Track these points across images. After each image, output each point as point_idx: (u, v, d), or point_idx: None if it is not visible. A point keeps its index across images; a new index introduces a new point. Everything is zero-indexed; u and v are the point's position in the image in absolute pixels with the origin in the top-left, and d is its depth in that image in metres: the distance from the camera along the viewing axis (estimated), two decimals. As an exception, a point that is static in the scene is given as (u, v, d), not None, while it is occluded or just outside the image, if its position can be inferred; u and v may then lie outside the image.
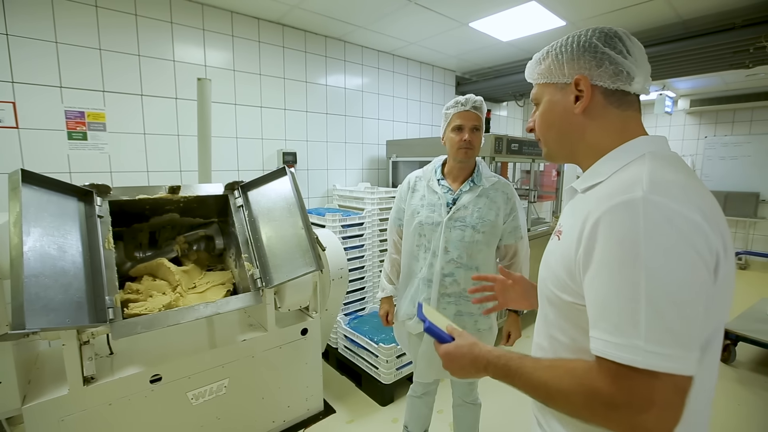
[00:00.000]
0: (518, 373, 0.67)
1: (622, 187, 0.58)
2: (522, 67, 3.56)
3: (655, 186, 0.55)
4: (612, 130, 0.70)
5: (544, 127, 0.77)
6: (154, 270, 1.78)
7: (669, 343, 0.51)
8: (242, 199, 1.92)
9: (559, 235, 0.72)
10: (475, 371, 0.75)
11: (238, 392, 1.87)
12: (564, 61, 0.71)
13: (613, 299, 0.55)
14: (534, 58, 0.79)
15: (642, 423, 0.51)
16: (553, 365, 0.64)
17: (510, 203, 1.48)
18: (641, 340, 0.51)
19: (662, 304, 0.52)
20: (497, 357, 0.71)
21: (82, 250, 1.43)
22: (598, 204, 0.60)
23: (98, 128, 2.28)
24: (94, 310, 1.37)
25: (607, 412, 0.54)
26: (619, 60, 0.67)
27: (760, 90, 5.06)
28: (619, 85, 0.68)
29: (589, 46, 0.69)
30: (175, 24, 2.48)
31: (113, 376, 1.55)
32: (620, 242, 0.55)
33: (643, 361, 0.51)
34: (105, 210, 1.58)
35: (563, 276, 0.66)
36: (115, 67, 2.30)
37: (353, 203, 3.06)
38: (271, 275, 1.76)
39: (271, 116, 2.99)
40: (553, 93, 0.74)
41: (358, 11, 2.73)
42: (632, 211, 0.54)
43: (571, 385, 0.58)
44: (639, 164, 0.62)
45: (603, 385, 0.55)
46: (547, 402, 0.63)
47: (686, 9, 2.65)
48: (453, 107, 1.44)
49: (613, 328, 0.54)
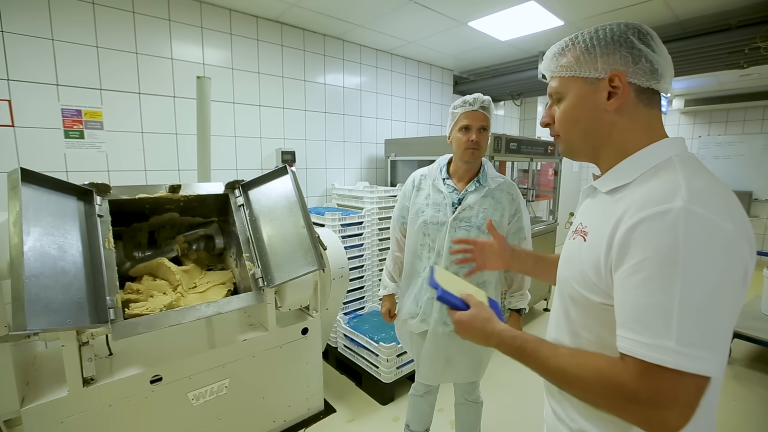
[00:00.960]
0: (534, 356, 0.68)
1: (660, 195, 0.58)
2: (519, 66, 3.58)
3: (694, 196, 0.56)
4: (639, 130, 0.69)
5: (569, 123, 0.74)
6: (155, 270, 1.76)
7: (700, 345, 0.53)
8: (243, 198, 1.91)
9: (584, 236, 0.71)
10: (484, 343, 0.77)
11: (239, 392, 1.86)
12: (597, 55, 0.68)
13: (647, 302, 0.56)
14: (554, 49, 0.75)
15: (661, 418, 0.54)
16: (573, 354, 0.66)
17: (515, 204, 1.48)
18: (672, 341, 0.53)
19: (695, 310, 0.54)
20: (512, 338, 0.72)
21: (83, 249, 1.42)
22: (634, 209, 0.60)
23: (95, 127, 2.26)
24: (95, 311, 1.35)
25: (627, 405, 0.57)
26: (654, 57, 0.66)
27: (753, 90, 5.12)
28: (651, 84, 0.67)
29: (626, 41, 0.67)
30: (173, 22, 2.45)
31: (113, 377, 1.53)
32: (659, 249, 0.56)
33: (673, 361, 0.53)
34: (105, 209, 1.56)
35: (592, 277, 0.66)
36: (113, 64, 2.27)
37: (352, 202, 3.06)
38: (273, 274, 1.75)
39: (270, 115, 2.98)
40: (581, 87, 0.70)
41: (358, 10, 2.73)
42: (672, 221, 0.55)
43: (593, 376, 0.60)
44: (669, 169, 0.62)
45: (628, 381, 0.57)
46: (563, 386, 0.66)
47: (683, 9, 2.67)
48: (461, 107, 1.43)
49: (643, 329, 0.56)
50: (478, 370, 1.56)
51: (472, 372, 1.55)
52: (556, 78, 0.74)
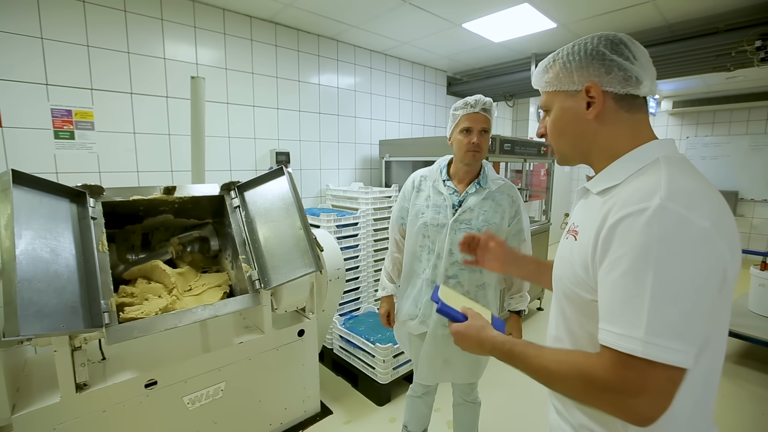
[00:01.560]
0: (521, 358, 0.73)
1: (640, 195, 0.61)
2: (512, 67, 3.61)
3: (672, 194, 0.59)
4: (624, 134, 0.72)
5: (557, 134, 0.79)
6: (149, 272, 1.74)
7: (669, 336, 0.56)
8: (239, 199, 1.90)
9: (575, 235, 0.74)
10: (480, 351, 0.82)
11: (235, 396, 1.84)
12: (573, 69, 0.73)
13: (620, 295, 0.60)
14: (540, 67, 0.80)
15: (632, 406, 0.58)
16: (554, 352, 0.71)
17: (515, 206, 1.48)
18: (641, 332, 0.56)
19: (666, 302, 0.56)
20: (502, 342, 0.77)
21: (76, 252, 1.39)
22: (616, 208, 0.63)
23: (86, 127, 2.22)
24: (89, 315, 1.33)
25: (601, 395, 0.61)
26: (627, 66, 0.69)
27: (738, 92, 5.24)
28: (628, 90, 0.70)
29: (597, 53, 0.71)
30: (166, 21, 2.42)
31: (107, 382, 1.51)
32: (634, 245, 0.58)
33: (641, 350, 0.56)
34: (98, 211, 1.54)
35: (582, 275, 0.69)
36: (104, 64, 2.23)
37: (347, 203, 3.05)
38: (270, 276, 1.74)
39: (264, 115, 2.96)
40: (563, 100, 0.76)
41: (353, 10, 2.72)
42: (648, 218, 0.58)
43: (570, 370, 0.64)
44: (655, 170, 0.65)
45: (599, 370, 0.61)
46: (547, 383, 0.70)
47: (673, 13, 2.72)
48: (462, 108, 1.43)
49: (617, 320, 0.59)
50: (476, 371, 1.56)
51: (471, 373, 1.56)
52: (544, 92, 0.80)
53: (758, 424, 2.24)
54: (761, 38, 2.58)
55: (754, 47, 2.65)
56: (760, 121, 5.56)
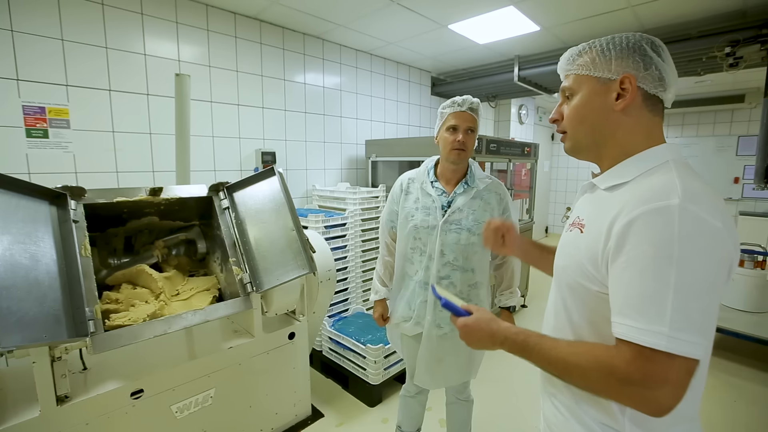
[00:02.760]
0: (536, 350, 0.72)
1: (657, 193, 0.63)
2: (496, 69, 3.67)
3: (688, 195, 0.61)
4: (641, 133, 0.74)
5: (577, 120, 0.77)
6: (134, 277, 1.67)
7: (691, 331, 0.58)
8: (228, 200, 1.85)
9: (581, 227, 0.75)
10: (491, 344, 0.80)
11: (225, 402, 1.80)
12: (612, 57, 0.72)
13: (643, 291, 0.60)
14: (573, 50, 0.79)
15: (654, 398, 0.59)
16: (572, 344, 0.71)
17: (503, 203, 1.51)
18: (666, 327, 0.58)
19: (688, 298, 0.58)
20: (515, 333, 0.76)
21: (57, 258, 1.32)
22: (632, 205, 0.64)
23: (61, 125, 2.11)
24: (73, 324, 1.26)
25: (622, 388, 0.61)
26: (663, 66, 0.71)
27: (706, 96, 5.50)
28: (657, 91, 0.72)
29: (639, 48, 0.71)
30: (146, 16, 2.33)
31: (89, 393, 1.44)
32: (656, 242, 0.60)
33: (666, 345, 0.58)
34: (80, 214, 1.46)
35: (589, 267, 0.70)
36: (80, 59, 2.13)
37: (334, 203, 3.03)
38: (261, 279, 1.70)
39: (249, 115, 2.89)
40: (593, 87, 0.75)
41: (340, 9, 2.70)
42: (669, 216, 0.60)
43: (590, 363, 0.65)
44: (665, 170, 0.67)
45: (621, 364, 0.61)
46: (562, 375, 0.70)
47: (649, 20, 2.83)
48: (449, 107, 1.44)
49: (639, 315, 0.60)
50: (471, 369, 1.58)
51: (467, 372, 1.57)
52: (571, 76, 0.78)
53: (729, 411, 2.36)
54: (730, 45, 2.72)
55: (723, 53, 2.78)
56: (725, 124, 5.86)
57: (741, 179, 5.76)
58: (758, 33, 2.63)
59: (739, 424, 2.24)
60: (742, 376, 2.71)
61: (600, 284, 0.69)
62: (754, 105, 5.43)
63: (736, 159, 5.79)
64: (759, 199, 5.60)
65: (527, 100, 5.85)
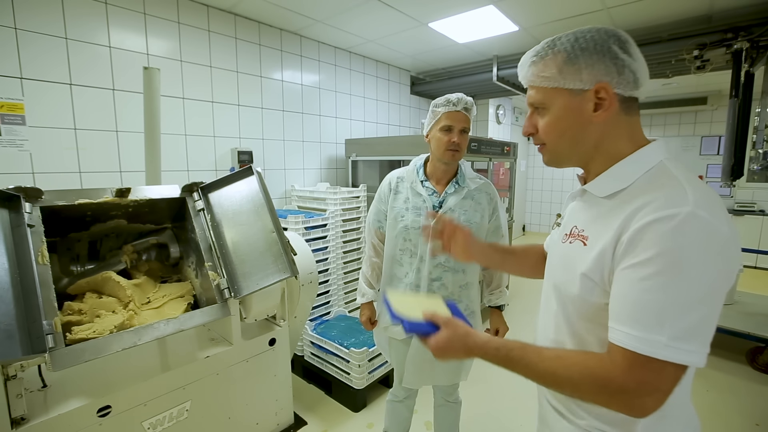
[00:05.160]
0: (522, 363, 0.70)
1: (669, 200, 0.60)
2: (474, 69, 3.69)
3: (700, 201, 0.59)
4: (624, 136, 0.70)
5: (555, 135, 0.73)
6: (100, 285, 1.54)
7: (688, 339, 0.57)
8: (203, 201, 1.75)
9: (583, 240, 0.71)
10: (467, 357, 0.80)
11: (202, 415, 1.70)
12: (582, 66, 0.67)
13: (644, 299, 0.59)
14: (529, 57, 0.73)
15: (642, 404, 0.59)
16: (560, 356, 0.68)
17: (492, 203, 1.49)
18: (665, 336, 0.57)
19: (689, 307, 0.57)
20: (496, 349, 0.72)
21: (9, 266, 1.19)
22: (644, 213, 0.61)
23: (15, 121, 1.94)
24: (29, 339, 1.14)
25: (615, 396, 0.61)
26: (635, 67, 0.67)
27: (671, 98, 5.75)
28: (633, 92, 0.68)
29: (608, 50, 0.66)
30: (111, 5, 2.19)
31: (49, 414, 1.31)
32: (664, 250, 0.58)
33: (663, 354, 0.57)
34: (36, 218, 1.33)
35: (595, 279, 0.67)
36: (36, 51, 1.97)
37: (314, 204, 2.95)
38: (240, 284, 1.61)
39: (224, 112, 2.78)
40: (566, 100, 0.70)
41: (318, 4, 2.63)
42: (679, 224, 0.58)
43: (582, 374, 0.63)
44: (665, 172, 0.66)
45: (616, 373, 0.60)
46: (552, 387, 0.69)
47: (623, 22, 2.90)
48: (444, 106, 1.40)
49: (636, 322, 0.59)
50: (462, 371, 1.55)
51: (457, 374, 1.54)
52: (538, 88, 0.73)
53: (703, 401, 2.45)
54: (698, 48, 2.83)
55: (692, 56, 2.89)
56: (689, 124, 6.14)
57: (704, 177, 6.05)
58: (723, 37, 2.75)
59: (713, 413, 2.32)
60: (711, 366, 2.82)
61: (607, 295, 0.66)
62: (716, 107, 5.71)
63: (699, 158, 6.08)
64: (721, 196, 5.88)
65: (505, 100, 5.94)
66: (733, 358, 2.91)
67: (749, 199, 5.65)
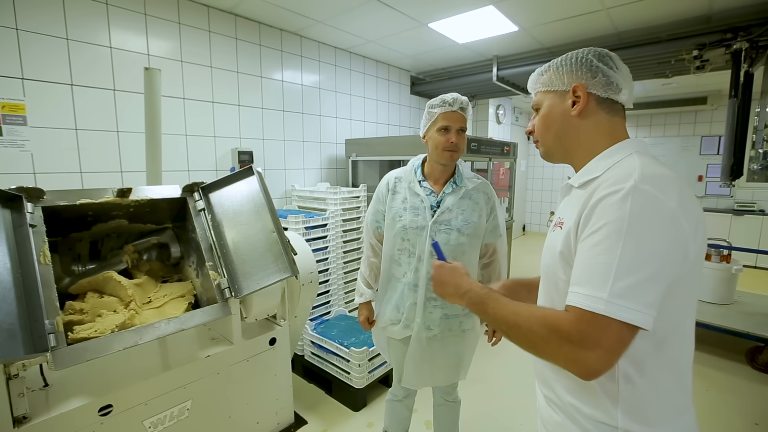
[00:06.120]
0: (492, 304, 0.79)
1: (618, 178, 0.69)
2: (474, 69, 3.71)
3: (644, 177, 0.67)
4: (602, 133, 0.81)
5: (544, 128, 0.87)
6: (101, 285, 1.55)
7: (629, 298, 0.62)
8: (203, 201, 1.75)
9: (560, 225, 0.80)
10: (456, 294, 0.88)
11: (203, 414, 1.70)
12: (564, 72, 0.83)
13: (591, 261, 0.67)
14: (536, 72, 0.90)
15: (584, 359, 0.63)
16: (528, 306, 0.76)
17: (490, 203, 1.49)
18: (606, 293, 0.63)
19: (630, 268, 0.63)
20: (480, 287, 0.85)
21: (11, 266, 1.20)
22: (598, 192, 0.70)
23: (16, 122, 1.95)
24: (31, 338, 1.15)
25: (561, 346, 0.66)
26: (610, 73, 0.79)
27: (671, 98, 5.75)
28: (609, 94, 0.80)
29: (586, 61, 0.81)
30: (112, 6, 2.20)
31: (51, 413, 1.32)
32: (609, 219, 0.66)
33: (604, 309, 0.62)
34: (38, 218, 1.34)
35: (567, 259, 0.75)
36: (37, 51, 1.98)
37: (314, 204, 2.96)
38: (241, 284, 1.62)
39: (225, 112, 2.78)
40: (553, 99, 0.85)
41: (319, 5, 2.64)
42: (623, 195, 0.65)
43: (538, 320, 0.70)
44: (629, 160, 0.73)
45: (565, 324, 0.66)
46: (511, 330, 0.74)
47: (622, 22, 2.91)
48: (439, 106, 1.41)
49: (585, 282, 0.66)
50: (461, 370, 1.56)
51: (455, 373, 1.55)
52: (537, 93, 0.89)
53: (702, 400, 2.45)
54: (698, 48, 2.83)
55: (691, 56, 2.90)
56: (689, 124, 6.14)
57: (704, 177, 6.05)
58: (723, 37, 2.75)
59: (713, 413, 2.32)
60: (711, 365, 2.82)
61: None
62: (716, 107, 5.71)
63: (699, 158, 6.08)
64: (721, 196, 5.90)
65: (505, 101, 5.94)
66: (733, 357, 2.92)
67: (749, 199, 5.66)
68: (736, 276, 3.19)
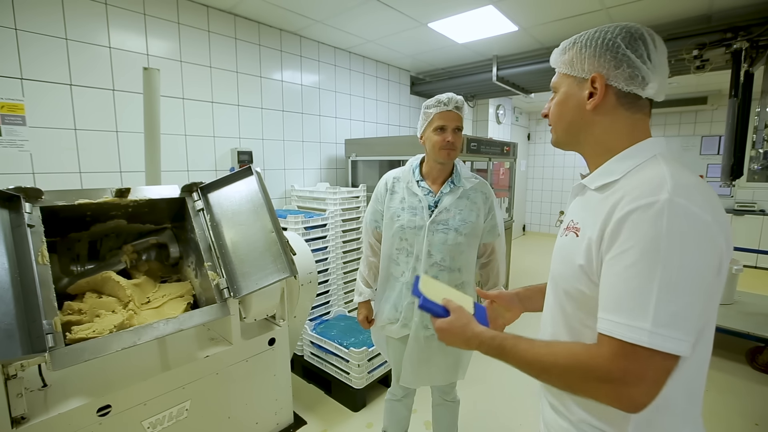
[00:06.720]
0: (512, 352, 0.71)
1: (648, 188, 0.62)
2: (474, 69, 3.69)
3: (678, 189, 0.60)
4: (620, 131, 0.72)
5: (556, 117, 0.80)
6: (99, 285, 1.55)
7: (673, 326, 0.57)
8: (202, 201, 1.75)
9: (576, 231, 0.73)
10: (466, 347, 0.80)
11: (202, 414, 1.70)
12: (586, 57, 0.72)
13: (627, 286, 0.60)
14: (561, 46, 0.80)
15: (628, 395, 0.58)
16: (549, 344, 0.70)
17: (488, 202, 1.49)
18: (648, 322, 0.57)
19: (672, 294, 0.57)
20: (491, 338, 0.76)
21: (9, 266, 1.20)
22: (624, 202, 0.63)
23: (15, 122, 1.95)
24: (29, 338, 1.15)
25: (600, 385, 0.60)
26: (638, 64, 0.69)
27: (672, 98, 5.74)
28: (632, 89, 0.70)
29: (612, 45, 0.70)
30: (111, 6, 2.19)
31: (50, 413, 1.32)
32: (643, 237, 0.59)
33: (648, 341, 0.57)
34: (36, 218, 1.34)
35: (586, 270, 0.68)
36: (36, 51, 1.98)
37: (314, 204, 2.96)
38: (239, 284, 1.62)
39: (224, 112, 2.78)
40: (570, 85, 0.76)
41: (318, 5, 2.63)
42: (658, 211, 0.59)
43: (569, 361, 0.64)
44: (654, 164, 0.66)
45: (602, 361, 0.60)
46: (541, 375, 0.69)
47: (622, 20, 2.90)
48: (435, 106, 1.41)
49: (622, 310, 0.60)
50: (459, 370, 1.56)
51: (454, 372, 1.55)
52: (557, 73, 0.80)
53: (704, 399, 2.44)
54: (698, 48, 2.83)
55: (691, 56, 2.89)
56: (689, 124, 6.14)
57: (704, 177, 6.05)
58: (723, 37, 2.75)
59: (713, 413, 2.32)
60: (711, 365, 2.74)
61: (595, 288, 0.67)
62: (716, 107, 5.71)
63: (700, 158, 6.07)
64: (721, 196, 5.88)
65: (505, 100, 5.94)
66: (733, 357, 2.91)
67: (749, 199, 5.65)
68: (736, 276, 3.18)
